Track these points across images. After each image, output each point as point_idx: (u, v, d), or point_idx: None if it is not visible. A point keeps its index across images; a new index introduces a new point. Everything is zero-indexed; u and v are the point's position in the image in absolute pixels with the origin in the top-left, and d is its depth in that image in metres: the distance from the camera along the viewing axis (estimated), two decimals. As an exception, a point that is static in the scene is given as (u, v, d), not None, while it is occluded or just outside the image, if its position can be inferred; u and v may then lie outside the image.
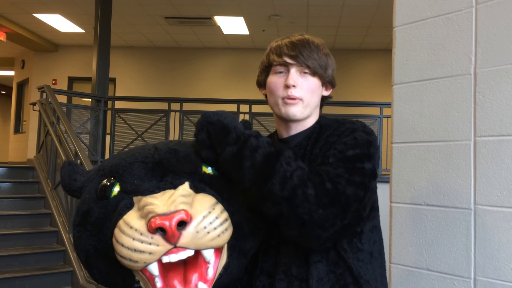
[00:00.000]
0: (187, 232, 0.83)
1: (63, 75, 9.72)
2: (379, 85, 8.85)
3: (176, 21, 8.15)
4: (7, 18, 8.31)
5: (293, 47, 1.16)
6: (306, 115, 1.18)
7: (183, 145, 1.06)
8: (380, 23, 7.72)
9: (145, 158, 1.00)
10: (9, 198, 5.07)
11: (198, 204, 0.87)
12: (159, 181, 0.96)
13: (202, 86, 9.44)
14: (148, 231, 0.82)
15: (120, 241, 0.85)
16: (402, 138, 1.54)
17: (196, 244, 0.85)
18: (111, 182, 0.98)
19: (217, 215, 0.88)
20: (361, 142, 1.07)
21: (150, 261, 0.84)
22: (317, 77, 1.17)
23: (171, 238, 0.82)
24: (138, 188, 0.94)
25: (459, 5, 1.42)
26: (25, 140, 9.35)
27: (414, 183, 1.48)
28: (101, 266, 0.96)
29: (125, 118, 6.37)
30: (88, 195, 1.01)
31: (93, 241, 0.95)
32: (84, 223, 0.98)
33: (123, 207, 0.91)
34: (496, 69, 1.32)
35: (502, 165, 1.29)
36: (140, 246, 0.83)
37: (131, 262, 0.85)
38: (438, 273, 1.40)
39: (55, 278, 4.34)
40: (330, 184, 0.96)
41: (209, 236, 0.85)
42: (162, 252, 0.83)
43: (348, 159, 1.03)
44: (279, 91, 1.16)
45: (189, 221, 0.83)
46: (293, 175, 0.95)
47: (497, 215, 1.29)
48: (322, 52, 1.18)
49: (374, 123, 5.79)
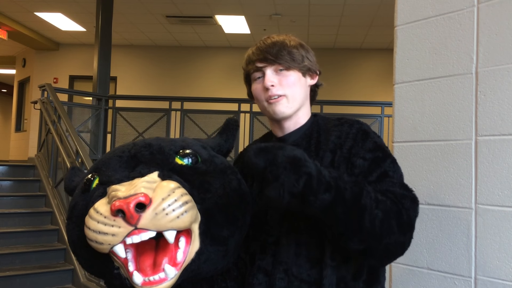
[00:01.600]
0: (146, 214, 0.87)
1: (64, 74, 9.73)
2: (380, 85, 8.85)
3: (177, 20, 8.15)
4: (9, 16, 8.32)
5: (259, 51, 1.18)
6: (295, 109, 1.18)
7: (160, 140, 1.11)
8: (382, 22, 7.72)
9: (122, 153, 1.07)
10: (10, 196, 5.08)
11: (159, 189, 0.91)
12: (130, 171, 1.02)
13: (203, 85, 9.44)
14: (111, 214, 0.88)
15: (88, 225, 0.91)
16: (403, 137, 1.54)
17: (156, 226, 0.88)
18: (94, 177, 1.05)
19: (177, 197, 0.91)
20: (381, 146, 1.13)
21: (114, 242, 0.89)
22: (294, 69, 1.17)
23: (130, 219, 0.86)
24: (110, 178, 1.01)
25: (461, 4, 1.42)
26: (26, 138, 9.37)
27: (415, 182, 1.48)
28: (85, 254, 1.02)
29: (126, 117, 6.38)
30: (77, 191, 1.09)
31: (77, 231, 1.01)
32: (71, 216, 1.05)
33: (96, 196, 0.98)
34: (498, 69, 1.32)
35: (503, 165, 1.29)
36: (103, 228, 0.88)
37: (97, 244, 0.90)
38: (439, 272, 1.41)
39: (56, 276, 4.35)
40: (405, 211, 1.02)
41: (168, 218, 0.88)
42: (124, 234, 0.87)
43: (388, 172, 1.09)
44: (261, 95, 1.18)
45: (149, 203, 0.87)
46: (377, 210, 0.97)
47: (498, 214, 1.29)
48: (290, 46, 1.18)
49: (375, 123, 5.79)
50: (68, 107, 6.07)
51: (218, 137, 1.23)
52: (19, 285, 4.11)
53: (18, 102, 10.64)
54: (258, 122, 6.07)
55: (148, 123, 6.34)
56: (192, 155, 1.06)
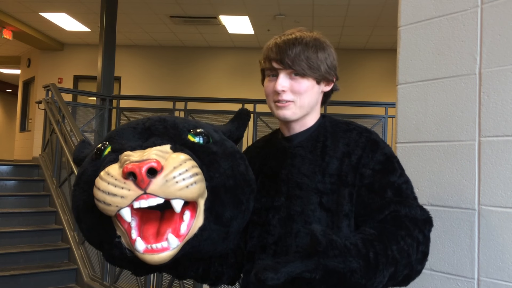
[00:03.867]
0: (156, 179, 0.88)
1: (68, 74, 9.77)
2: (384, 85, 8.83)
3: (181, 20, 8.16)
4: (14, 16, 8.36)
5: (279, 51, 1.12)
6: (300, 116, 1.16)
7: (174, 117, 1.14)
8: (386, 22, 7.70)
9: (136, 125, 1.10)
10: (14, 196, 5.10)
11: (171, 158, 0.92)
12: (143, 142, 1.04)
13: (206, 85, 9.45)
14: (122, 176, 0.89)
15: (97, 185, 0.92)
16: (406, 138, 1.54)
17: (165, 193, 0.89)
18: (105, 146, 1.07)
19: (188, 168, 0.92)
20: (391, 157, 1.13)
21: (122, 205, 0.89)
22: (308, 77, 1.13)
23: (140, 183, 0.87)
24: (123, 146, 1.03)
25: (465, 5, 1.42)
26: (30, 138, 9.40)
27: (418, 183, 1.48)
28: (88, 219, 1.03)
29: (130, 117, 6.38)
30: (87, 159, 1.11)
31: (83, 196, 1.03)
32: (78, 182, 1.07)
33: (107, 161, 1.00)
34: (501, 69, 1.32)
35: (507, 166, 1.29)
36: (113, 190, 0.89)
37: (105, 205, 0.91)
38: (442, 273, 1.40)
39: (60, 276, 4.37)
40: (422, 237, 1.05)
41: (177, 186, 0.89)
42: (133, 197, 0.88)
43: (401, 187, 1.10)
44: (270, 95, 1.17)
45: (160, 170, 0.88)
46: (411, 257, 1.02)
47: (501, 215, 1.29)
48: (312, 50, 1.12)
49: (378, 123, 5.77)
50: (72, 107, 6.09)
51: (229, 124, 1.25)
52: (23, 284, 4.13)
53: (23, 102, 10.69)
54: (262, 122, 6.06)
55: (152, 123, 6.34)
56: (204, 134, 1.08)
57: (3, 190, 5.16)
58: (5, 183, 5.24)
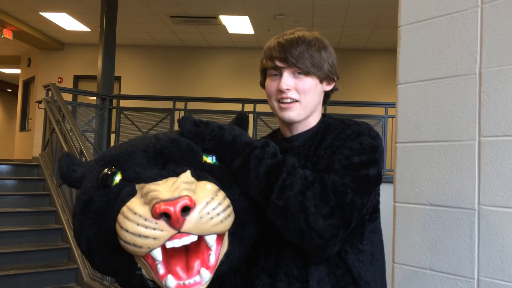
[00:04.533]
0: (191, 217, 0.84)
1: (69, 74, 9.76)
2: (384, 85, 8.83)
3: (182, 20, 8.16)
4: (14, 16, 8.35)
5: (282, 49, 1.12)
6: (305, 116, 1.16)
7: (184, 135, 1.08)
8: (386, 23, 7.70)
9: (146, 147, 1.02)
10: (14, 195, 5.10)
11: (201, 191, 0.88)
12: (161, 169, 0.97)
13: (206, 85, 9.45)
14: (152, 216, 0.83)
15: (124, 227, 0.86)
16: (406, 138, 1.54)
17: (200, 230, 0.86)
18: (112, 171, 0.99)
19: (220, 201, 0.89)
20: (367, 148, 1.05)
21: (154, 246, 0.85)
22: (312, 76, 1.13)
23: (175, 223, 0.83)
24: (140, 175, 0.96)
25: (465, 5, 1.42)
26: (30, 138, 9.40)
27: (418, 183, 1.48)
28: (103, 253, 0.97)
29: (130, 117, 6.39)
30: (89, 184, 1.02)
31: (94, 229, 0.96)
32: (85, 212, 0.99)
33: (125, 194, 0.93)
34: (501, 69, 1.32)
35: (507, 166, 1.29)
36: (144, 232, 0.84)
37: (135, 247, 0.85)
38: (442, 273, 1.40)
39: (60, 275, 4.37)
40: (333, 194, 0.95)
41: (212, 222, 0.86)
42: (166, 237, 0.84)
43: (353, 166, 1.02)
44: (274, 94, 1.15)
45: (193, 207, 0.84)
46: (293, 185, 0.95)
47: (501, 215, 1.29)
48: (315, 49, 1.13)
49: (379, 123, 5.77)
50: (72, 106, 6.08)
51: None
52: (23, 283, 4.13)
53: (23, 101, 10.69)
54: (262, 122, 6.06)
55: (152, 123, 6.34)
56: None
57: (3, 190, 5.16)
58: (5, 183, 5.24)
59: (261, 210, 1.04)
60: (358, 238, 1.10)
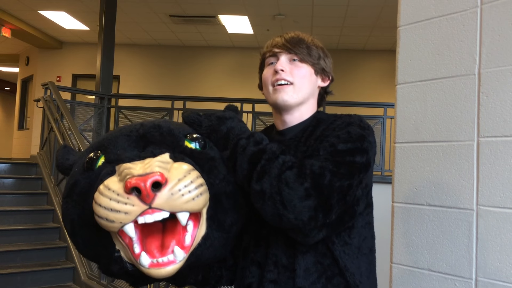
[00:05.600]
0: (162, 193, 0.85)
1: (67, 72, 9.75)
2: (383, 86, 8.83)
3: (181, 20, 8.15)
4: (12, 14, 8.34)
5: (281, 40, 1.21)
6: (298, 101, 1.17)
7: (169, 122, 1.10)
8: (385, 23, 7.71)
9: (130, 132, 1.05)
10: (12, 194, 5.10)
11: (175, 170, 0.89)
12: (140, 151, 1.00)
13: (205, 85, 9.44)
14: (124, 191, 0.85)
15: (98, 201, 0.88)
16: (405, 138, 1.54)
17: (171, 206, 0.87)
18: (97, 155, 1.02)
19: (192, 179, 0.90)
20: (354, 137, 1.05)
21: (126, 221, 0.86)
22: (308, 64, 1.19)
23: (145, 198, 0.84)
24: (119, 156, 0.98)
25: (464, 5, 1.42)
26: (28, 136, 9.39)
27: (417, 183, 1.48)
28: (84, 234, 0.99)
29: (129, 116, 6.39)
30: (77, 169, 1.05)
31: (77, 210, 0.99)
32: (71, 194, 1.02)
33: (104, 174, 0.95)
34: (501, 70, 1.32)
35: (505, 166, 1.29)
36: (116, 206, 0.85)
37: (108, 222, 0.87)
38: (439, 274, 1.40)
39: (57, 274, 4.36)
40: (309, 176, 0.94)
41: (183, 199, 0.87)
42: (137, 212, 0.85)
43: (338, 153, 1.01)
44: (269, 79, 1.19)
45: (165, 183, 0.86)
46: (271, 171, 0.96)
47: (499, 216, 1.29)
48: (312, 43, 1.21)
49: (377, 124, 5.78)
50: (71, 105, 6.08)
51: None
52: (20, 282, 4.12)
53: (21, 100, 10.67)
54: (261, 122, 6.06)
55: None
56: (201, 139, 1.06)
57: (0, 188, 5.15)
58: (3, 181, 5.23)
59: (248, 200, 1.05)
60: (347, 231, 1.10)
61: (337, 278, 1.08)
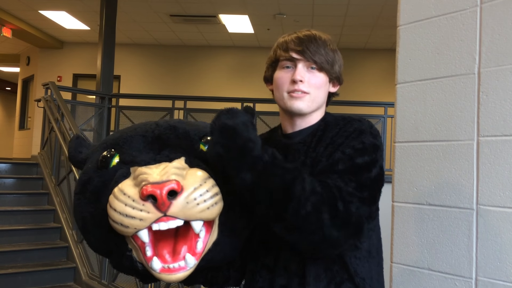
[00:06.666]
0: (177, 201, 0.85)
1: (68, 72, 9.76)
2: (384, 85, 8.83)
3: (181, 19, 8.15)
4: (13, 14, 8.34)
5: (300, 42, 1.15)
6: (312, 110, 1.17)
7: (184, 123, 1.09)
8: (385, 22, 7.70)
9: (145, 132, 1.04)
10: (13, 194, 5.10)
11: (191, 177, 0.89)
12: (156, 154, 0.99)
13: (206, 84, 9.44)
14: (140, 198, 0.85)
15: (113, 206, 0.88)
16: (405, 137, 1.54)
17: (186, 215, 0.87)
18: (111, 154, 1.02)
19: (208, 188, 0.90)
20: (369, 147, 1.06)
21: (140, 227, 0.87)
22: (324, 72, 1.16)
23: (161, 206, 0.84)
24: (135, 158, 0.98)
25: (464, 4, 1.41)
26: (29, 136, 9.39)
27: (417, 183, 1.48)
28: (96, 232, 0.99)
29: (129, 116, 6.39)
30: (90, 165, 1.05)
31: (90, 208, 0.98)
32: (83, 191, 1.01)
33: (119, 175, 0.95)
34: (500, 69, 1.32)
35: (505, 165, 1.29)
36: (131, 212, 0.86)
37: (122, 227, 0.87)
38: (440, 273, 1.40)
39: (58, 274, 4.36)
40: (342, 205, 0.96)
41: (198, 208, 0.87)
42: (152, 219, 0.86)
43: (357, 168, 1.03)
44: (285, 85, 1.16)
45: (180, 191, 0.86)
46: (307, 202, 0.94)
47: (499, 215, 1.29)
48: (329, 48, 1.18)
49: (378, 123, 5.78)
50: (71, 105, 6.09)
51: None
52: (21, 282, 4.13)
53: (22, 100, 10.68)
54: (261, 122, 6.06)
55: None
56: None
57: (1, 188, 5.15)
58: (4, 181, 5.24)
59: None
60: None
61: (346, 284, 1.08)
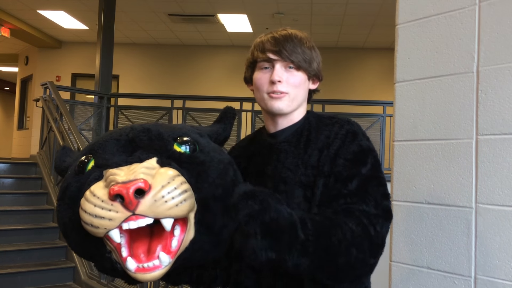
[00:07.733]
0: (145, 200, 0.86)
1: (66, 72, 9.75)
2: (382, 84, 8.83)
3: (180, 19, 8.15)
4: (11, 14, 8.33)
5: (276, 43, 1.16)
6: (293, 109, 1.18)
7: (159, 125, 1.10)
8: (384, 21, 7.70)
9: (119, 136, 1.05)
10: (12, 194, 5.10)
11: (159, 176, 0.90)
12: (128, 156, 1.00)
13: (204, 84, 9.44)
14: (108, 198, 0.86)
15: (84, 208, 0.89)
16: (404, 136, 1.54)
17: (154, 213, 0.87)
18: (88, 159, 1.03)
19: (177, 185, 0.90)
20: (366, 151, 1.10)
21: (110, 227, 0.87)
22: (302, 71, 1.17)
23: (129, 205, 0.85)
24: (107, 162, 0.99)
25: (462, 3, 1.41)
26: (28, 136, 9.39)
27: (415, 181, 1.48)
28: (75, 236, 1.00)
29: (128, 115, 6.38)
30: (69, 172, 1.07)
31: (69, 213, 1.00)
32: (63, 197, 1.03)
33: (92, 179, 0.96)
34: (499, 67, 1.32)
35: (504, 164, 1.29)
36: (100, 212, 0.87)
37: (93, 228, 0.88)
38: (439, 272, 1.40)
39: (57, 274, 4.36)
40: (373, 230, 0.99)
41: (167, 205, 0.87)
42: (121, 219, 0.86)
43: (367, 182, 1.05)
44: (264, 86, 1.17)
45: (148, 190, 0.86)
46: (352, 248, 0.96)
47: (498, 213, 1.29)
48: (306, 46, 1.17)
49: (377, 122, 5.78)
50: (70, 105, 6.08)
51: (216, 125, 1.22)
52: (20, 282, 4.12)
53: (21, 100, 10.67)
54: (260, 121, 6.06)
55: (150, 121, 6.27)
56: (191, 143, 1.05)
57: (0, 188, 5.15)
58: (3, 181, 5.23)
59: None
60: None
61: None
